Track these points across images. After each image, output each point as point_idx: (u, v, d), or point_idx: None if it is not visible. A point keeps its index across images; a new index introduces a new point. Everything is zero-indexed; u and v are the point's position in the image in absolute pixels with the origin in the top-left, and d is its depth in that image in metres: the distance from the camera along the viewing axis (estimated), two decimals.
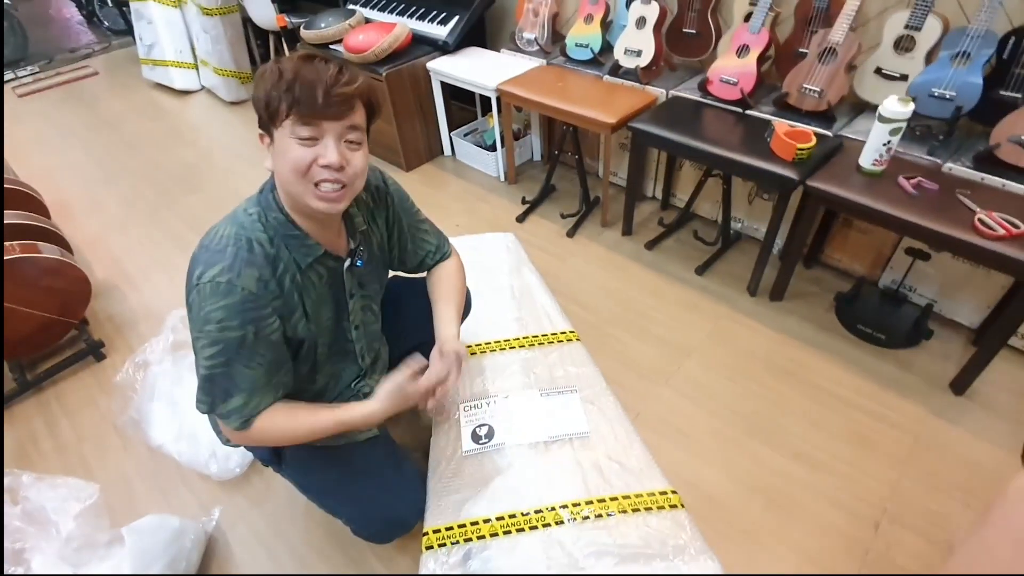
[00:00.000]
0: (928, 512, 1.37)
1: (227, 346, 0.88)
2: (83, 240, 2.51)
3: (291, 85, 0.82)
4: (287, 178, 0.88)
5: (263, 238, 0.91)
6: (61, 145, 3.37)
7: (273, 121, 0.85)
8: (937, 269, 1.78)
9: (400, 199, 1.17)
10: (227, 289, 0.86)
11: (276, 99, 0.83)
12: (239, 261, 0.87)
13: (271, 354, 0.93)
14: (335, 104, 0.84)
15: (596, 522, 1.13)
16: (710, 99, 2.03)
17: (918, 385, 1.66)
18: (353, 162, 0.89)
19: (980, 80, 1.55)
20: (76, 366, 1.91)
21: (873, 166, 1.61)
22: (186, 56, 3.79)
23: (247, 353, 0.90)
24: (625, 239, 2.31)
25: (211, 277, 0.86)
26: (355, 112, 0.88)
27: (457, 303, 1.21)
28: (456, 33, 2.64)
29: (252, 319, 0.88)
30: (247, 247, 0.89)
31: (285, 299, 0.94)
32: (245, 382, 0.92)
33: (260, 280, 0.89)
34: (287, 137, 0.85)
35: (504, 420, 1.36)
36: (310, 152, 0.85)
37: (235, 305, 0.86)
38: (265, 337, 0.91)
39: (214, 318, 0.86)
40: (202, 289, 0.86)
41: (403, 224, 1.18)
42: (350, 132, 0.88)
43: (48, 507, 1.24)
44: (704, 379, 1.72)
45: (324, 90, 0.83)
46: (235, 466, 1.52)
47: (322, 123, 0.84)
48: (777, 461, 1.50)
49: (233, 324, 0.87)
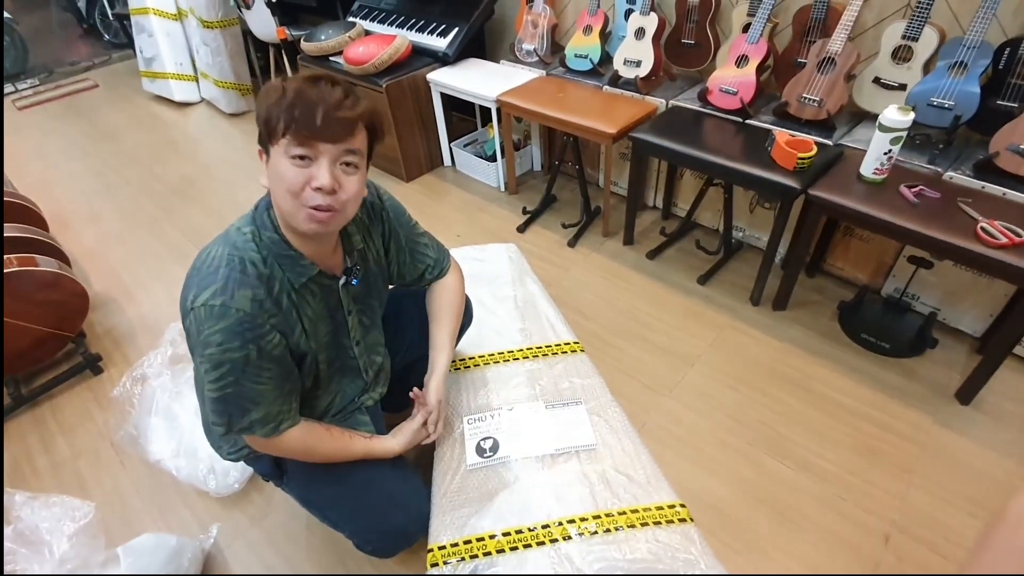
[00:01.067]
0: (937, 524, 1.35)
1: (232, 367, 0.87)
2: (81, 252, 2.50)
3: (292, 104, 0.81)
4: (280, 197, 0.87)
5: (256, 258, 0.90)
6: (60, 157, 3.37)
7: (271, 138, 0.85)
8: (940, 277, 1.78)
9: (396, 214, 1.17)
10: (221, 312, 0.85)
11: (276, 117, 0.82)
12: (232, 282, 0.86)
13: (277, 367, 0.93)
14: (334, 127, 0.83)
15: (605, 537, 1.11)
16: (710, 109, 2.04)
17: (923, 394, 1.65)
18: (346, 186, 0.87)
19: (977, 89, 1.56)
20: (73, 380, 1.89)
21: (874, 175, 1.61)
22: (186, 68, 3.80)
23: (254, 371, 0.89)
24: (627, 249, 2.30)
25: (204, 301, 0.85)
26: (355, 137, 0.87)
27: (453, 326, 1.26)
28: (456, 45, 2.65)
29: (252, 338, 0.87)
30: (240, 267, 0.88)
31: (284, 316, 0.93)
32: (259, 396, 0.91)
33: (255, 300, 0.87)
34: (282, 156, 0.84)
35: (509, 433, 1.34)
36: (304, 173, 0.84)
37: (232, 327, 0.85)
38: (268, 352, 0.90)
39: (214, 341, 0.85)
40: (197, 314, 0.85)
41: (400, 239, 1.17)
42: (347, 155, 0.87)
43: (42, 527, 1.22)
44: (708, 389, 1.71)
45: (325, 112, 0.82)
46: (234, 482, 1.50)
47: (318, 144, 0.83)
48: (783, 472, 1.48)
49: (234, 345, 0.86)
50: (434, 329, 1.25)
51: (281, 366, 0.93)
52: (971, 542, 1.31)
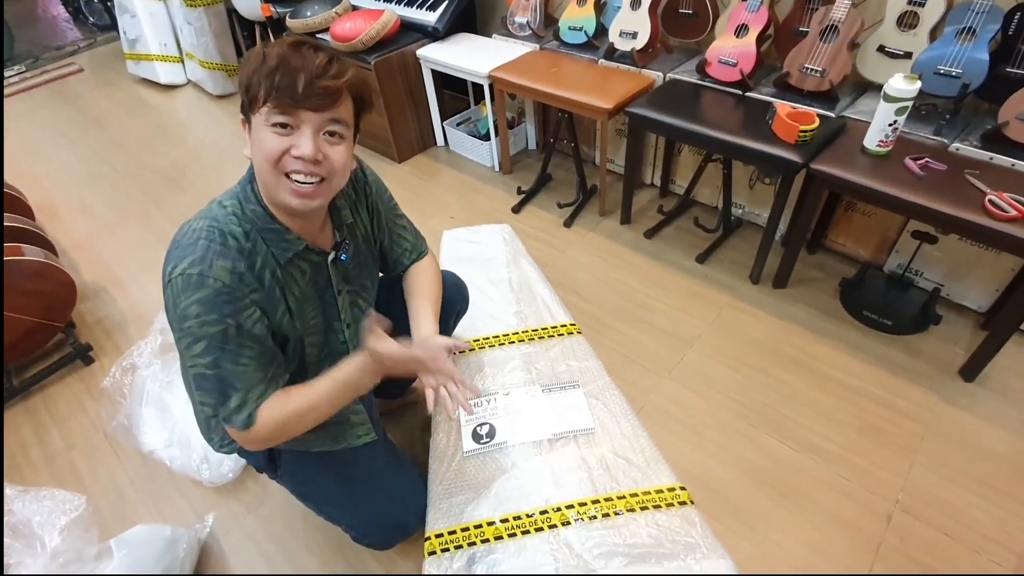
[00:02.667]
0: (941, 502, 1.34)
1: (211, 342, 0.83)
2: (69, 242, 2.45)
3: (273, 71, 0.78)
4: (261, 167, 0.84)
5: (237, 231, 0.86)
6: (46, 145, 3.30)
7: (252, 107, 0.81)
8: (944, 252, 1.74)
9: (378, 190, 1.12)
10: (199, 281, 0.81)
11: (256, 84, 0.79)
12: (211, 253, 0.83)
13: (259, 346, 0.88)
14: (316, 96, 0.80)
15: (604, 521, 1.09)
16: (709, 81, 1.97)
17: (927, 372, 1.62)
18: (331, 156, 0.84)
19: (986, 56, 1.50)
20: (64, 371, 1.86)
21: (878, 147, 1.56)
22: (171, 49, 3.71)
23: (234, 348, 0.85)
24: (624, 228, 2.26)
25: (182, 270, 0.81)
26: (339, 105, 0.83)
27: (434, 300, 1.15)
28: (446, 19, 2.57)
29: (230, 312, 0.83)
30: (220, 240, 0.84)
31: (267, 293, 0.89)
32: (238, 380, 0.86)
33: (234, 272, 0.84)
34: (263, 125, 0.81)
35: (506, 418, 1.31)
36: (284, 141, 0.81)
37: (209, 298, 0.82)
38: (248, 330, 0.86)
39: (191, 313, 0.82)
40: (174, 284, 0.82)
41: (382, 217, 1.13)
42: (331, 124, 0.83)
43: (33, 521, 1.20)
44: (708, 370, 1.68)
45: (307, 80, 0.79)
46: (228, 471, 1.48)
47: (299, 113, 0.80)
48: (785, 452, 1.46)
49: (211, 319, 0.82)
50: (416, 303, 1.13)
51: (263, 346, 0.89)
52: (976, 522, 1.30)
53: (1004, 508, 1.32)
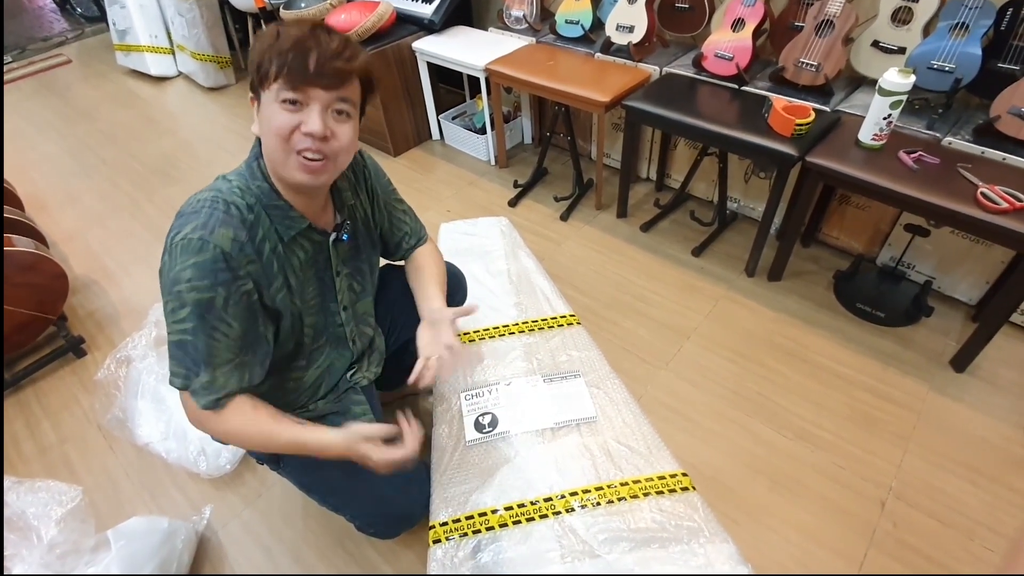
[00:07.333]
0: (933, 489, 1.36)
1: (195, 309, 0.82)
2: (60, 234, 2.42)
3: (286, 49, 0.79)
4: (269, 143, 0.84)
5: (241, 204, 0.87)
6: (35, 137, 3.24)
7: (262, 83, 0.82)
8: (936, 245, 1.77)
9: (377, 173, 1.13)
10: (199, 245, 0.81)
11: (268, 60, 0.80)
12: (214, 220, 0.83)
13: (240, 326, 0.87)
14: (328, 75, 0.80)
15: (608, 508, 1.10)
16: (705, 75, 1.99)
17: (919, 362, 1.65)
18: (339, 134, 0.85)
19: (979, 51, 1.52)
20: (56, 364, 1.83)
21: (873, 141, 1.58)
22: (161, 41, 3.65)
23: (215, 319, 0.84)
24: (620, 222, 2.27)
25: (184, 235, 0.82)
26: (348, 86, 0.84)
27: (440, 280, 1.17)
28: (442, 11, 2.56)
29: (223, 281, 0.83)
30: (224, 208, 0.85)
31: (264, 267, 0.88)
32: (210, 355, 0.85)
33: (235, 241, 0.84)
34: (272, 101, 0.81)
35: (508, 407, 1.32)
36: (293, 118, 0.81)
37: (206, 263, 0.81)
38: (235, 304, 0.85)
39: (184, 277, 0.81)
40: (173, 249, 0.82)
41: (380, 200, 1.13)
42: (339, 103, 0.84)
43: (28, 512, 1.18)
44: (704, 361, 1.70)
45: (319, 59, 0.80)
46: (226, 463, 1.47)
47: (309, 90, 0.80)
48: (780, 441, 1.48)
49: (203, 284, 0.82)
50: (421, 282, 1.15)
51: (246, 326, 0.87)
52: (967, 508, 1.32)
53: (994, 494, 1.34)
